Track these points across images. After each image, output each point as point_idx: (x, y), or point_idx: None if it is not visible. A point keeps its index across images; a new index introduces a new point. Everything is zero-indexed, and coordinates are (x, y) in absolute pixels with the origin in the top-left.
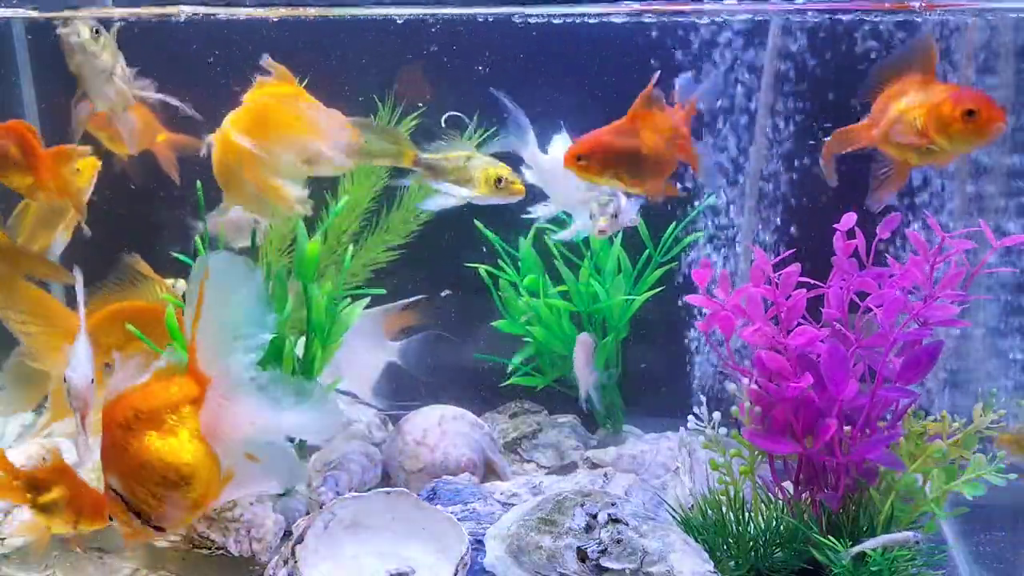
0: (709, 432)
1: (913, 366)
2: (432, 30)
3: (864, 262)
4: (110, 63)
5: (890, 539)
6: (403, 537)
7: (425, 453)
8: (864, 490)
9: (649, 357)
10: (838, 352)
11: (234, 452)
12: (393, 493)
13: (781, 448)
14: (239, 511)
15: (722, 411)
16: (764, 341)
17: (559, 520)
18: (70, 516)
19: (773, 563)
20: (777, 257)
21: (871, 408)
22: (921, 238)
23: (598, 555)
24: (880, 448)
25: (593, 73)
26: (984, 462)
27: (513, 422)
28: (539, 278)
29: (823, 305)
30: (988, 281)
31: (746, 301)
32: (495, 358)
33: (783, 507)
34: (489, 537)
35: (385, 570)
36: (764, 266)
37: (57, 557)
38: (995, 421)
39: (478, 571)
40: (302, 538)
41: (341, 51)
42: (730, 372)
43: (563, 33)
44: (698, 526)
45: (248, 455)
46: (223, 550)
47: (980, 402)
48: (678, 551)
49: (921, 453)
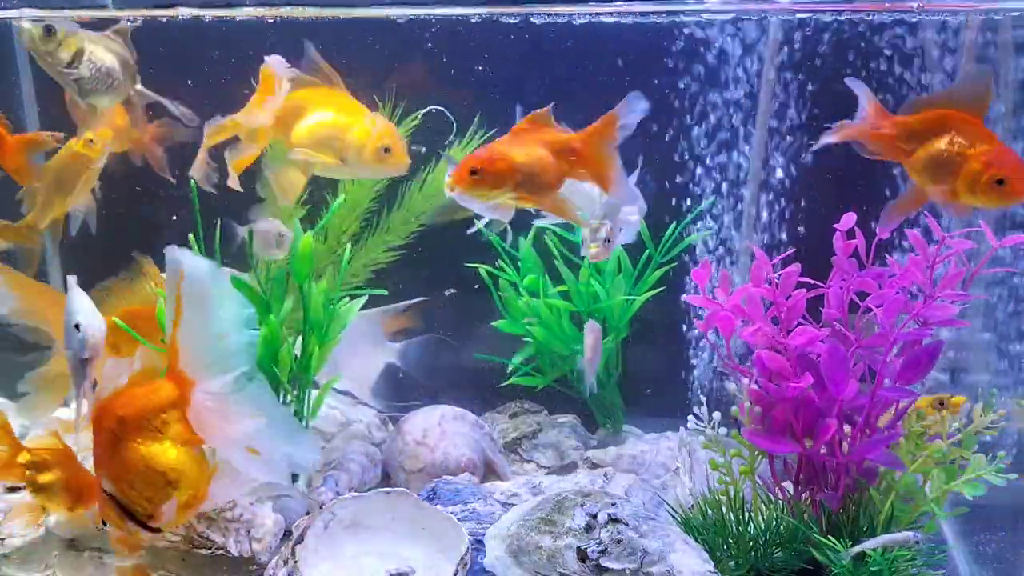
0: (709, 432)
1: (913, 366)
2: (432, 30)
3: (864, 262)
4: (65, 59)
5: (890, 539)
6: (403, 537)
7: (425, 453)
8: (864, 490)
9: (649, 357)
10: (838, 352)
11: (225, 453)
12: (393, 493)
13: (781, 448)
14: (239, 511)
15: (722, 411)
16: (764, 341)
17: (559, 520)
18: (67, 499)
19: (773, 563)
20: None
21: (871, 408)
22: (921, 238)
23: (598, 555)
24: (880, 448)
25: (591, 74)
26: (984, 462)
27: (513, 422)
28: (539, 278)
29: (823, 305)
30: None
31: (746, 301)
32: (495, 358)
33: (783, 507)
34: (489, 537)
35: (385, 570)
36: (764, 266)
37: (57, 557)
38: (995, 421)
39: (478, 571)
40: (302, 538)
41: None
42: (730, 372)
43: (563, 33)
44: (698, 526)
45: (249, 449)
46: (223, 550)
47: (980, 402)
48: (678, 551)
49: (921, 453)
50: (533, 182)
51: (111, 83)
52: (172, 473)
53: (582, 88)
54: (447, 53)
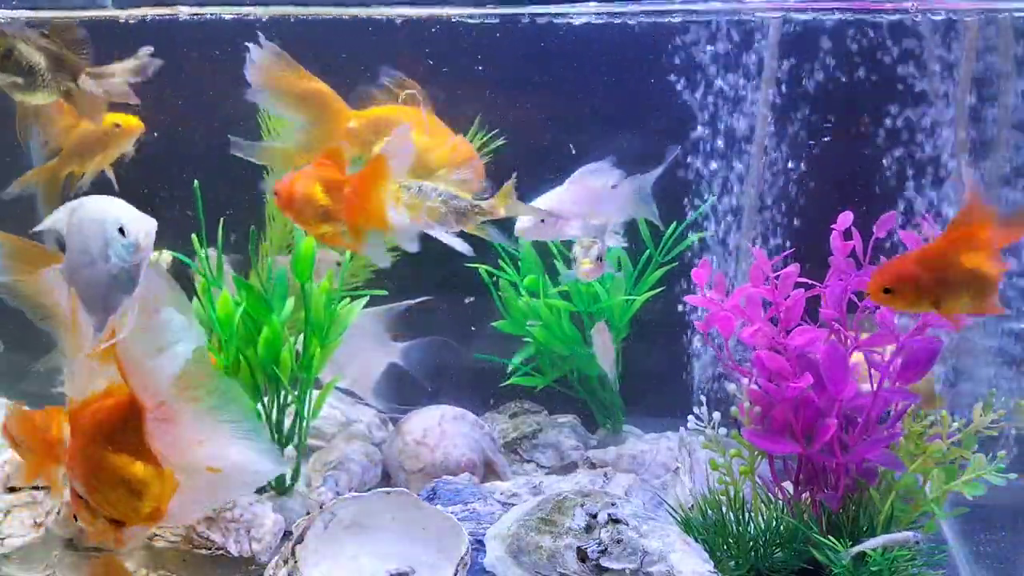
0: (709, 432)
1: (913, 366)
2: (433, 30)
3: (862, 262)
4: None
5: (890, 539)
6: (403, 537)
7: (425, 453)
8: (864, 490)
9: (649, 357)
10: (838, 352)
11: (185, 470)
12: (393, 493)
13: (781, 448)
14: (239, 511)
15: (722, 411)
16: (764, 341)
17: (559, 520)
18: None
19: (773, 563)
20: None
21: (871, 408)
22: (916, 237)
23: (598, 555)
24: (880, 448)
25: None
26: (984, 462)
27: (513, 422)
28: (539, 278)
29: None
30: None
31: (745, 301)
32: (495, 358)
33: (783, 507)
34: (489, 537)
35: (385, 570)
36: (763, 266)
37: (57, 557)
38: (995, 421)
39: (478, 571)
40: (302, 538)
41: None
42: (730, 372)
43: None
44: (698, 526)
45: (210, 468)
46: (223, 550)
47: (980, 402)
48: (678, 551)
49: (921, 453)
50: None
51: (41, 81)
52: (138, 485)
53: (581, 88)
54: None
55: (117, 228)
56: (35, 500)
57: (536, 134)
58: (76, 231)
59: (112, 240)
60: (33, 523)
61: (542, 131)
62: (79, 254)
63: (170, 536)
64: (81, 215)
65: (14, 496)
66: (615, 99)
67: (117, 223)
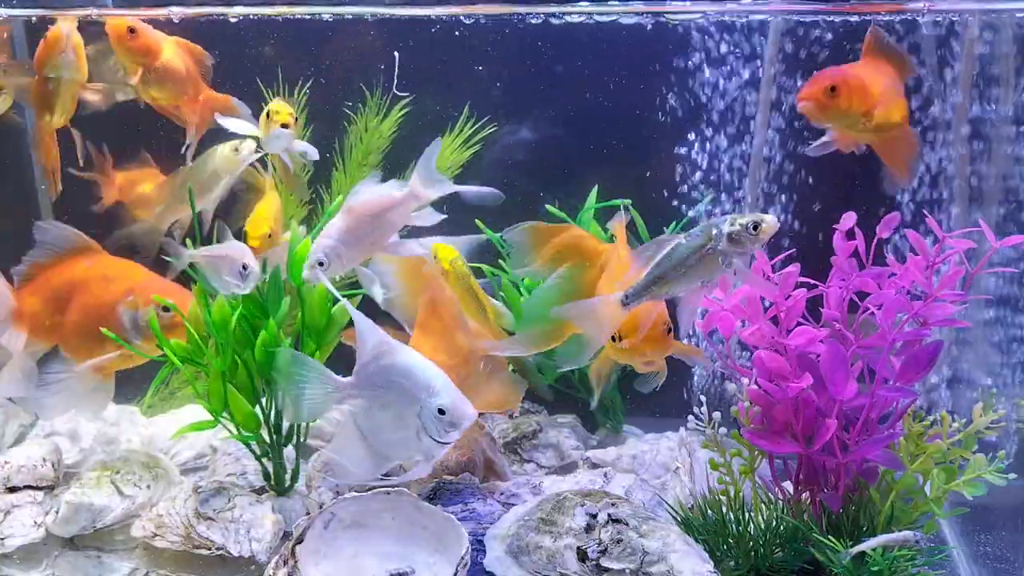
0: (709, 432)
1: (913, 366)
2: (432, 29)
3: (864, 262)
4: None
5: (890, 539)
6: (403, 537)
7: None
8: (864, 490)
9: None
10: (838, 352)
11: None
12: (393, 493)
13: (781, 448)
14: (239, 511)
15: (722, 411)
16: (764, 341)
17: (559, 520)
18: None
19: (773, 563)
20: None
21: (871, 408)
22: (920, 237)
23: (598, 555)
24: (880, 448)
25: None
26: (984, 462)
27: (513, 422)
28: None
29: (823, 306)
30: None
31: (745, 301)
32: None
33: (783, 507)
34: (489, 537)
35: (385, 570)
36: (763, 266)
37: (57, 557)
38: (995, 421)
39: (478, 571)
40: (302, 538)
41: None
42: (730, 372)
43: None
44: (698, 526)
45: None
46: (223, 550)
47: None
48: (678, 551)
49: (921, 453)
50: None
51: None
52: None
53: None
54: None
55: (438, 408)
56: (35, 500)
57: (535, 133)
58: (384, 380)
59: (430, 417)
60: (33, 523)
61: (542, 129)
62: (386, 411)
63: (170, 536)
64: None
65: (14, 496)
66: (601, 98)
67: (437, 403)
